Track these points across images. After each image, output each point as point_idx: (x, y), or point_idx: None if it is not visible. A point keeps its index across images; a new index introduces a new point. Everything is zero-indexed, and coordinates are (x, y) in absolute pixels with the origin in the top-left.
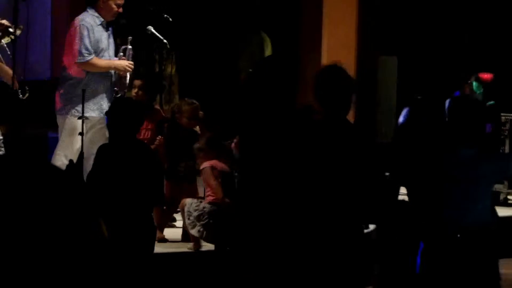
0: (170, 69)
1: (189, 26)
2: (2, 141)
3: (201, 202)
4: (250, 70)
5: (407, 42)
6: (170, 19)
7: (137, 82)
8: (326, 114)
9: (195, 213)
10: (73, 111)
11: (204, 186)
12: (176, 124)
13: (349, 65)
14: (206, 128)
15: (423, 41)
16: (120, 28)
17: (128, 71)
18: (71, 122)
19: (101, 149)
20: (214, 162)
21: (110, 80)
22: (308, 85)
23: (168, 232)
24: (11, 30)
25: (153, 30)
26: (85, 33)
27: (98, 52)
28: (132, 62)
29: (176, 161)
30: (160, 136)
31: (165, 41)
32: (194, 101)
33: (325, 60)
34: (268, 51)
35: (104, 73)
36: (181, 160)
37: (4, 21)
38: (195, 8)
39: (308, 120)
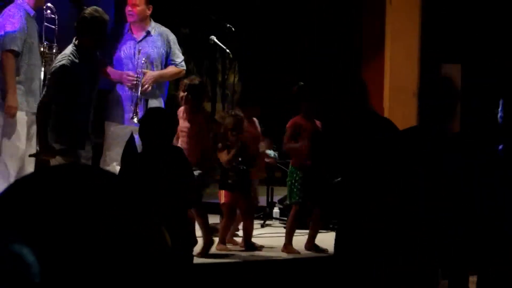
0: (233, 79)
1: (252, 36)
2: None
3: None
4: (301, 83)
5: (471, 50)
6: (233, 29)
7: (184, 83)
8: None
9: None
10: None
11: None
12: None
13: (412, 73)
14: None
15: (488, 48)
16: (183, 38)
17: None
18: None
19: (129, 158)
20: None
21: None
22: (371, 94)
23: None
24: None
25: (216, 40)
26: None
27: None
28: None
29: (225, 170)
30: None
31: (227, 50)
32: (238, 113)
33: (388, 69)
34: None
35: None
36: (230, 169)
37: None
38: (257, 18)
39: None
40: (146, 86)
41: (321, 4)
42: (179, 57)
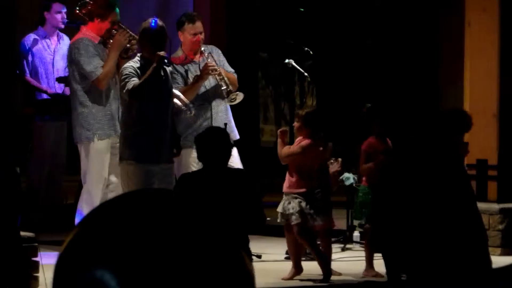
0: (311, 102)
1: (330, 58)
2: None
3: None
4: (369, 104)
5: None
6: (311, 52)
7: (297, 113)
8: None
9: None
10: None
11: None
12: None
13: (492, 94)
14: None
15: None
16: (261, 62)
17: None
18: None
19: (185, 179)
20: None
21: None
22: None
23: (306, 265)
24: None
25: (294, 64)
26: None
27: None
28: None
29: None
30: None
31: (305, 74)
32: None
33: (467, 91)
34: None
35: None
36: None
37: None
38: (335, 40)
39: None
40: (216, 68)
41: (399, 26)
42: (230, 68)
